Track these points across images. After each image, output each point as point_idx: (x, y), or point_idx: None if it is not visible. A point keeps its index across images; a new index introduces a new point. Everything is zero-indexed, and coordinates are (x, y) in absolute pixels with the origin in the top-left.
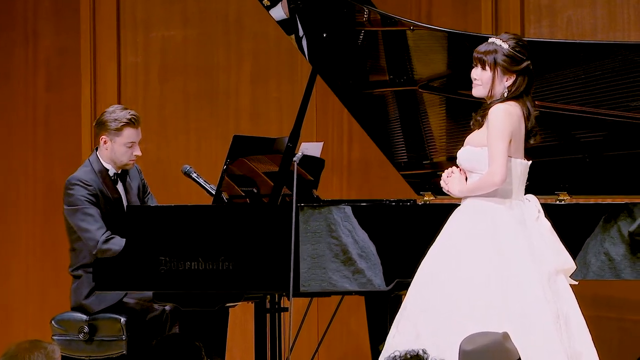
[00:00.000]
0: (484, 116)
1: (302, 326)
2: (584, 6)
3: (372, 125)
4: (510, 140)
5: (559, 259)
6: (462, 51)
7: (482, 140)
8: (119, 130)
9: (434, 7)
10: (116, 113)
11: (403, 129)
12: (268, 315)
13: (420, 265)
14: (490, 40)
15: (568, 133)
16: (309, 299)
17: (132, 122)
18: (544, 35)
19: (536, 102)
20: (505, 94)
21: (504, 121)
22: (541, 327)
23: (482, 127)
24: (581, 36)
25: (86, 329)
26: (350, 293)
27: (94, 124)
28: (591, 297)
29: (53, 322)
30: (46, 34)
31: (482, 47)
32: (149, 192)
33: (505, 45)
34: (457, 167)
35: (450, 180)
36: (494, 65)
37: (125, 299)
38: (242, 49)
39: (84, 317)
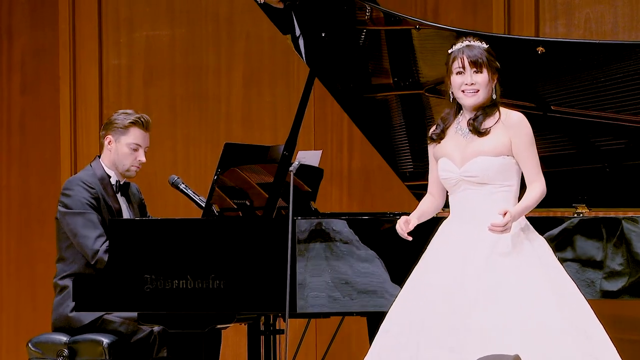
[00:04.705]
0: (481, 123)
1: (299, 349)
2: (603, 3)
3: (375, 132)
4: None
5: None
6: None
7: (498, 149)
8: (125, 128)
9: (441, 4)
10: (126, 113)
11: (408, 136)
12: (262, 337)
13: (464, 282)
14: (463, 44)
15: (587, 140)
16: (307, 320)
17: (140, 123)
18: (560, 34)
19: (552, 107)
20: (494, 96)
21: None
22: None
23: (484, 134)
24: (600, 36)
25: (65, 352)
26: (352, 314)
27: (102, 126)
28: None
29: (29, 345)
30: (22, 32)
31: (469, 51)
32: (148, 214)
33: (483, 44)
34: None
35: (508, 221)
36: (488, 65)
37: (109, 318)
38: (234, 49)
39: (64, 339)
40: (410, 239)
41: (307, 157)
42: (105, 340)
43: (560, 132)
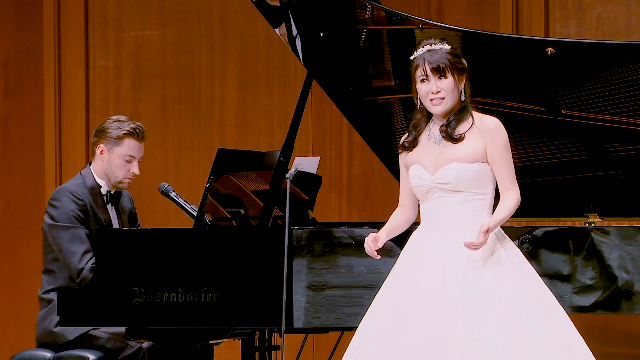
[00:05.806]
0: (455, 129)
1: None
2: (616, 2)
3: (376, 137)
4: None
5: None
6: (478, 53)
7: (474, 156)
8: (119, 139)
9: (446, 3)
10: (120, 121)
11: None
12: (257, 354)
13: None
14: (424, 49)
15: (599, 146)
16: (304, 335)
17: (135, 134)
18: (572, 35)
19: (563, 111)
20: (463, 99)
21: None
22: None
23: (458, 141)
24: (613, 36)
25: None
26: (352, 329)
27: (93, 133)
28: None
29: None
30: (5, 33)
31: (431, 57)
32: (139, 224)
33: (445, 47)
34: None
35: (483, 236)
36: (452, 69)
37: (97, 334)
38: (228, 50)
39: (48, 355)
40: (379, 257)
41: (305, 163)
42: (92, 357)
43: (571, 137)
